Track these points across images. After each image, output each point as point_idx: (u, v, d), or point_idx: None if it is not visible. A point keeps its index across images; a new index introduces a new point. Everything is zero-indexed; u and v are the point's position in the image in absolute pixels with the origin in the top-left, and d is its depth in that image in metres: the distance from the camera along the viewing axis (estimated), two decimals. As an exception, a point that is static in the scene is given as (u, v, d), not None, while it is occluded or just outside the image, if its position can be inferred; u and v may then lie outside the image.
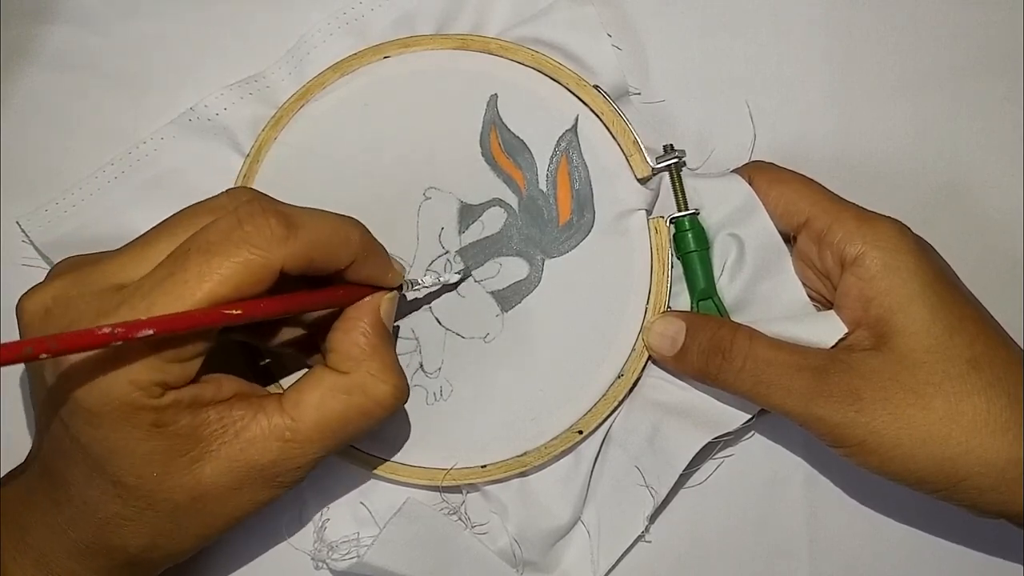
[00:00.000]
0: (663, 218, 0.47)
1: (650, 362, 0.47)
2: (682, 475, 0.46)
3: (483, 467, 0.46)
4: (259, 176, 0.47)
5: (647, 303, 0.46)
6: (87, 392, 0.35)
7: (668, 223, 0.46)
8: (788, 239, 0.45)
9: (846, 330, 0.43)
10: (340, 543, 0.47)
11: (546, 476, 0.46)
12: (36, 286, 0.37)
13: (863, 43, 0.51)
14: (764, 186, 0.45)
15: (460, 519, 0.47)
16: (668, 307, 0.46)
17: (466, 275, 0.47)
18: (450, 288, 0.47)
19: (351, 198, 0.47)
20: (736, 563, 0.49)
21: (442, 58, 0.47)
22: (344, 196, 0.47)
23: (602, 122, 0.47)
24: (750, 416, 0.46)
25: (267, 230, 0.36)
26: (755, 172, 0.45)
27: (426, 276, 0.45)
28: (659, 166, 0.46)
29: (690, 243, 0.46)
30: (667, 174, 0.47)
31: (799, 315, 0.45)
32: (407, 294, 0.45)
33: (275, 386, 0.45)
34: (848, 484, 0.49)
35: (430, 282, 0.45)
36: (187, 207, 0.38)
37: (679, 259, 0.46)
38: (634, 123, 0.47)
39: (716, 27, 0.50)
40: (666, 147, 0.47)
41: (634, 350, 0.46)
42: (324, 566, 0.47)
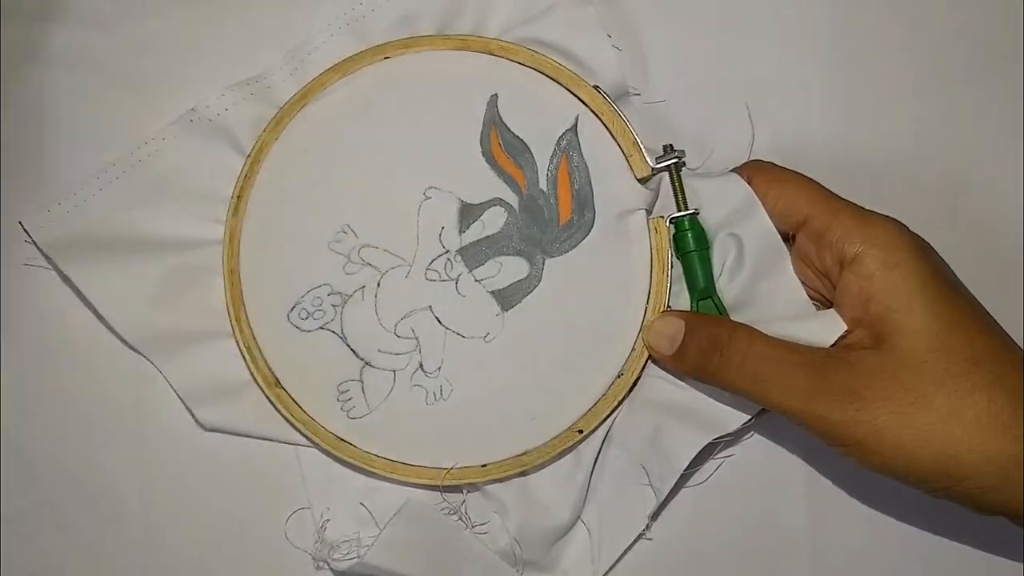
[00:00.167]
0: (663, 218, 0.47)
1: (650, 362, 0.47)
2: (682, 475, 0.46)
3: (483, 467, 0.46)
4: (260, 177, 0.47)
5: (647, 302, 0.46)
6: None
7: (668, 223, 0.46)
8: (787, 238, 0.45)
9: (845, 328, 0.42)
10: (341, 543, 0.47)
11: (546, 475, 0.46)
12: None
13: (863, 43, 0.51)
14: (763, 185, 0.45)
15: (460, 519, 0.47)
16: (668, 307, 0.46)
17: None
18: None
19: (352, 198, 0.47)
20: (736, 563, 0.49)
21: (443, 59, 0.47)
22: (345, 196, 0.47)
23: (602, 122, 0.47)
24: (750, 416, 0.46)
25: None
26: (754, 171, 0.45)
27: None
28: (659, 166, 0.46)
29: (690, 243, 0.46)
30: (667, 174, 0.47)
31: (798, 314, 0.45)
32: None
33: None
34: (848, 484, 0.49)
35: None
36: None
37: (679, 259, 0.46)
38: (634, 123, 0.47)
39: (716, 28, 0.50)
40: (666, 147, 0.47)
41: (634, 349, 0.46)
42: (325, 566, 0.47)
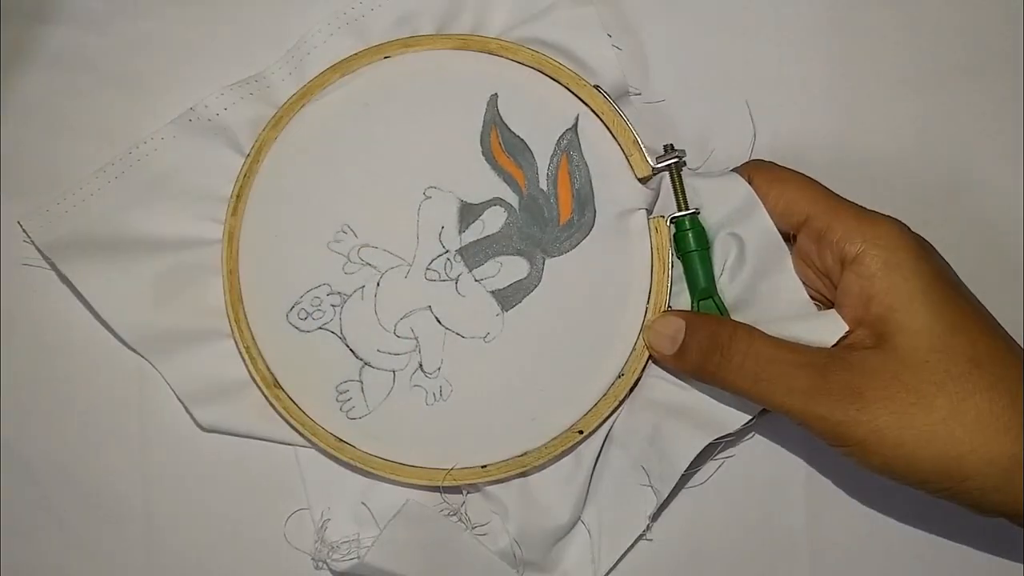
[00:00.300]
0: (663, 217, 0.46)
1: (651, 362, 0.46)
2: (683, 475, 0.46)
3: (483, 467, 0.46)
4: (259, 176, 0.47)
5: (647, 302, 0.46)
6: None
7: (668, 222, 0.46)
8: (788, 238, 0.45)
9: (847, 328, 0.42)
10: (340, 544, 0.46)
11: (547, 476, 0.46)
12: None
13: (863, 43, 0.51)
14: (764, 185, 0.45)
15: (460, 520, 0.46)
16: (668, 306, 0.46)
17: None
18: None
19: (351, 198, 0.47)
20: (736, 563, 0.49)
21: (442, 58, 0.47)
22: (344, 196, 0.47)
23: (602, 122, 0.47)
24: (751, 417, 0.45)
25: None
26: (755, 171, 0.45)
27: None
28: (659, 166, 0.46)
29: (690, 242, 0.46)
30: (667, 174, 0.47)
31: (799, 314, 0.45)
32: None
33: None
34: (848, 485, 0.49)
35: None
36: None
37: (679, 258, 0.46)
38: (634, 123, 0.47)
39: (716, 27, 0.50)
40: (666, 147, 0.47)
41: (635, 349, 0.46)
42: (324, 567, 0.47)
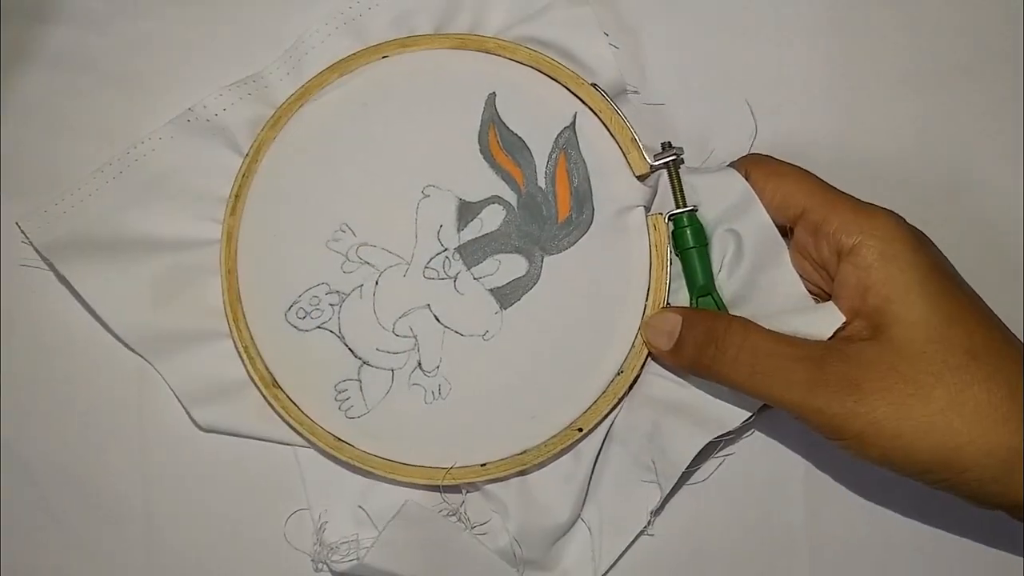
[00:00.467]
0: (662, 215, 0.46)
1: (650, 359, 0.46)
2: (683, 473, 0.46)
3: (483, 466, 0.46)
4: (258, 176, 0.47)
5: (646, 299, 0.46)
6: None
7: (667, 220, 0.46)
8: (785, 231, 0.45)
9: (844, 319, 0.42)
10: (340, 544, 0.46)
11: (546, 474, 0.46)
12: None
13: (863, 43, 0.51)
14: (760, 179, 0.45)
15: (460, 519, 0.46)
16: (667, 303, 0.46)
17: None
18: None
19: (350, 197, 0.47)
20: (736, 562, 0.48)
21: (440, 57, 0.47)
22: (343, 195, 0.47)
23: (600, 120, 0.47)
24: (751, 414, 0.45)
25: None
26: (751, 165, 0.45)
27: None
28: (657, 163, 0.46)
29: (689, 239, 0.46)
30: (665, 171, 0.47)
31: (797, 307, 0.44)
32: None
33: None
34: (847, 480, 0.48)
35: None
36: None
37: (678, 255, 0.46)
38: (633, 123, 0.47)
39: (715, 27, 0.50)
40: (664, 144, 0.47)
41: (633, 347, 0.46)
42: (324, 567, 0.47)
